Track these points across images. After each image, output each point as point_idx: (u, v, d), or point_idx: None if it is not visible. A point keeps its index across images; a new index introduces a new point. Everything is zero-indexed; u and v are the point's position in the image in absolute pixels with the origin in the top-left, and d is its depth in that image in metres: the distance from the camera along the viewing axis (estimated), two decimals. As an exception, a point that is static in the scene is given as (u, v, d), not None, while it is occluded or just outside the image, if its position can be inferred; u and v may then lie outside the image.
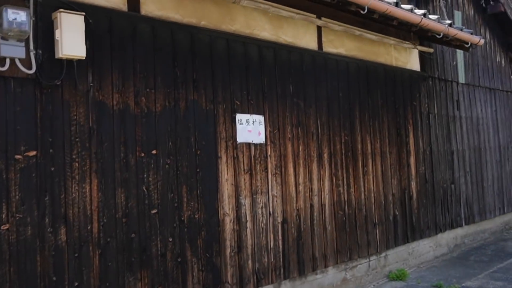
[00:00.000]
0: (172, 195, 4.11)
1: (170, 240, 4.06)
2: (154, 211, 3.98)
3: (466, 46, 6.94)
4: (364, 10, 4.90)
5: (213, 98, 4.53)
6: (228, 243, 4.52)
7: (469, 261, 7.27)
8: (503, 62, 10.56)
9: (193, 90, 4.37)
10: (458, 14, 8.75)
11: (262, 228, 4.88)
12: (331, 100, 5.91)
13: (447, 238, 7.90)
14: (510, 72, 11.10)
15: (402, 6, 5.44)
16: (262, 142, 4.96)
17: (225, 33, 4.72)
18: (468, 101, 9.00)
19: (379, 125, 6.66)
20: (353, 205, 6.08)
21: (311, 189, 5.50)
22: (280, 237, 5.05)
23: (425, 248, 7.34)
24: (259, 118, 4.96)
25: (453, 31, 6.24)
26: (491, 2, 9.39)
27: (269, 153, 5.03)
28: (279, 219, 5.07)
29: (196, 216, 4.28)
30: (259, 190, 4.89)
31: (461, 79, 8.85)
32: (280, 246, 5.04)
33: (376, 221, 6.41)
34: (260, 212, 4.87)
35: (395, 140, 6.93)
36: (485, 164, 9.34)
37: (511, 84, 11.00)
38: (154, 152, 4.03)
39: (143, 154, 3.95)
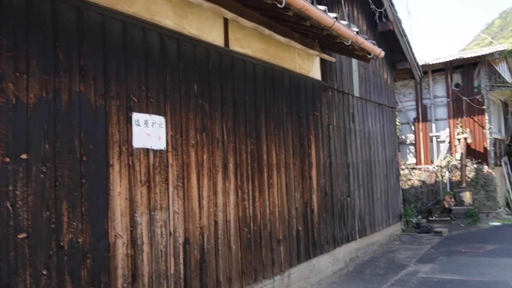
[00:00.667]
0: (48, 213, 3.15)
1: (45, 273, 3.09)
2: (23, 235, 2.99)
3: (369, 57, 6.86)
4: (281, 4, 4.41)
5: (104, 91, 3.66)
6: (120, 271, 3.65)
7: (366, 274, 7.15)
8: (388, 80, 10.96)
9: (79, 79, 3.46)
10: (354, 28, 8.78)
11: (161, 251, 4.07)
12: (238, 104, 5.33)
13: (344, 252, 7.75)
14: (394, 89, 11.61)
15: (318, 6, 5.08)
16: (162, 148, 4.18)
17: (121, 14, 3.89)
18: (361, 115, 9.07)
19: (284, 134, 6.24)
20: (258, 221, 5.53)
21: (216, 203, 4.83)
22: (181, 261, 4.29)
23: (325, 264, 7.06)
24: (160, 120, 4.18)
25: (360, 39, 6.08)
26: (383, 19, 9.66)
27: (170, 161, 4.27)
28: (181, 240, 4.31)
29: (80, 240, 3.36)
30: (159, 205, 4.09)
31: (356, 92, 8.90)
32: (182, 272, 4.28)
33: (280, 237, 5.94)
34: (159, 232, 4.07)
35: (298, 151, 6.57)
36: (375, 177, 9.50)
37: (395, 101, 11.50)
38: (24, 156, 3.05)
39: (8, 159, 2.95)
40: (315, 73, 7.37)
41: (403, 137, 13.70)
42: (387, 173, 10.25)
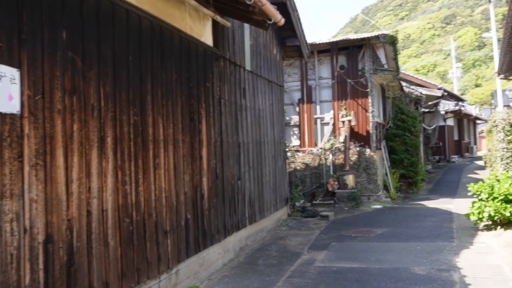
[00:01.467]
0: None
1: None
2: None
3: (268, 22, 6.28)
4: None
5: None
6: None
7: (259, 266, 6.65)
8: (278, 56, 10.59)
9: None
10: (248, -6, 8.16)
11: (12, 255, 3.02)
12: (119, 64, 4.36)
13: (234, 241, 7.17)
14: (283, 66, 11.29)
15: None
16: (15, 112, 3.11)
17: None
18: (252, 91, 8.53)
19: (173, 105, 5.40)
20: (142, 209, 4.65)
21: (89, 188, 3.85)
22: (41, 266, 3.27)
23: (215, 256, 6.40)
24: (12, 73, 3.09)
25: (264, 0, 5.44)
26: (277, -11, 9.16)
27: (26, 130, 3.20)
28: (41, 237, 3.29)
29: None
30: (8, 191, 3.03)
31: (248, 65, 8.32)
32: (41, 280, 3.26)
33: (168, 228, 5.12)
34: (8, 229, 3.01)
35: (188, 126, 5.78)
36: (264, 159, 9.07)
37: (283, 79, 11.20)
38: None
39: None
40: (207, 38, 6.60)
41: (288, 118, 13.55)
42: (275, 155, 9.91)
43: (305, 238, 8.41)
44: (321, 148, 13.07)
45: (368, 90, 12.66)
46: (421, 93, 18.25)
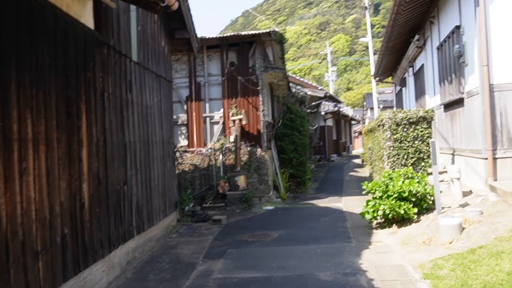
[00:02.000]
0: None
1: None
2: None
3: (161, 5, 5.51)
4: None
5: None
6: None
7: (150, 282, 5.87)
8: (166, 49, 9.79)
9: None
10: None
11: None
12: (-30, 39, 3.35)
13: (120, 255, 6.27)
14: (171, 61, 10.50)
15: None
16: None
17: None
18: (139, 85, 7.67)
19: (46, 97, 4.43)
20: (4, 228, 3.66)
21: None
22: None
23: (99, 275, 5.48)
24: None
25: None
26: (167, -26, 8.37)
27: None
28: None
29: None
30: None
31: (134, 56, 7.44)
32: None
33: (39, 247, 4.15)
34: None
35: (65, 122, 4.83)
36: (153, 160, 8.25)
37: (172, 74, 10.41)
38: None
39: None
40: (88, 20, 5.65)
41: (175, 117, 12.76)
42: (164, 156, 9.11)
43: (198, 246, 7.75)
44: (210, 148, 12.49)
45: (259, 88, 12.35)
46: (306, 93, 18.55)
